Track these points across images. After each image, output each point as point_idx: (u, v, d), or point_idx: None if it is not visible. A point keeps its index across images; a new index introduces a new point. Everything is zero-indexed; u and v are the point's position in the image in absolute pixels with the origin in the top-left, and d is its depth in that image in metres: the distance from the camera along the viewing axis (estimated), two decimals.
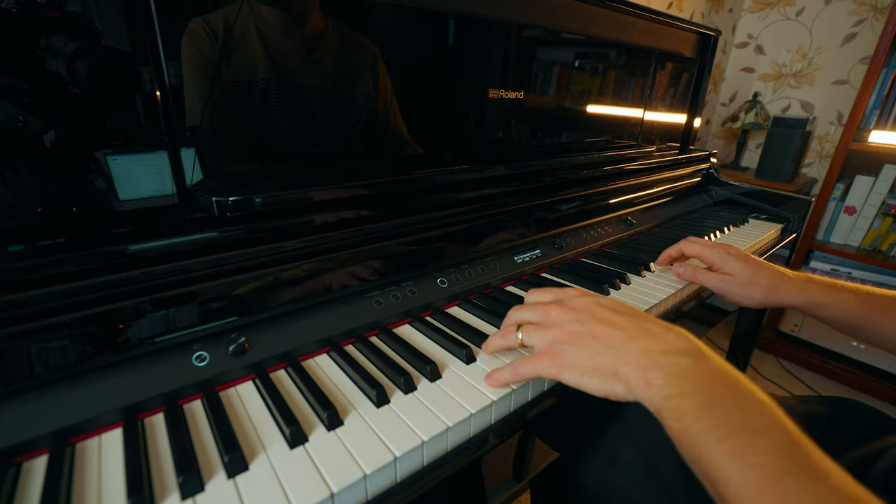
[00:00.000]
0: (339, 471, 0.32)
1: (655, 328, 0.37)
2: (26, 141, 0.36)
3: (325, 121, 0.51)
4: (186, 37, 0.40)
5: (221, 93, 0.43)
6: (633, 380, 0.34)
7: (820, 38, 1.86)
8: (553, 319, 0.40)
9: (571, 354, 0.37)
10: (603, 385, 0.35)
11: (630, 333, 0.36)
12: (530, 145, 0.75)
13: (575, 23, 0.77)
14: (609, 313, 0.39)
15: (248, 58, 0.44)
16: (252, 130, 0.46)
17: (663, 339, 0.35)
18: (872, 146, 1.62)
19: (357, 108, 0.53)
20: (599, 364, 0.35)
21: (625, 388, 0.34)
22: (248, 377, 0.41)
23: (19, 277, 0.34)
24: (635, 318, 0.38)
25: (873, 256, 1.69)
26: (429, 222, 0.59)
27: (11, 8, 0.33)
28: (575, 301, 0.41)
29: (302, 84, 0.48)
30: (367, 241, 0.53)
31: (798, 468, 0.26)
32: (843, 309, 0.52)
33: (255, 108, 0.46)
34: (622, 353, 0.35)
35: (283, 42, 0.45)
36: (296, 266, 0.47)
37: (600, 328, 0.37)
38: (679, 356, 0.33)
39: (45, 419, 0.33)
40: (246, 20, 0.43)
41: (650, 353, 0.34)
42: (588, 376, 0.36)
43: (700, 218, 1.03)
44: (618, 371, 0.35)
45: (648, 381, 0.33)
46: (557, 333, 0.38)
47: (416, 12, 0.55)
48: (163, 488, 0.30)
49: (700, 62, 1.06)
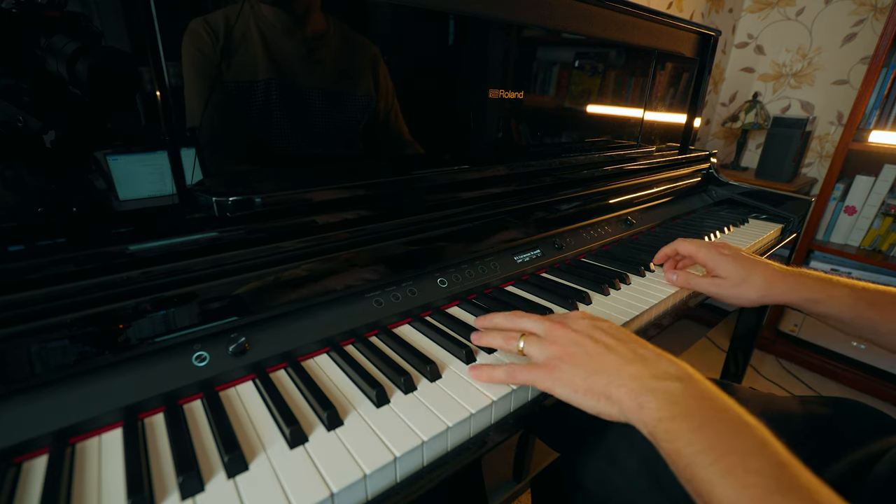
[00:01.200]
0: (339, 471, 0.32)
1: (648, 354, 0.38)
2: (26, 141, 0.36)
3: (325, 121, 0.51)
4: (187, 36, 0.40)
5: (222, 93, 0.43)
6: (625, 403, 0.35)
7: (820, 38, 1.86)
8: (554, 336, 0.41)
9: (566, 371, 0.38)
10: (595, 404, 0.37)
11: (624, 358, 0.38)
12: (530, 145, 0.75)
13: (575, 23, 0.77)
14: (606, 337, 0.40)
15: (248, 58, 0.44)
16: (252, 130, 0.46)
17: (655, 364, 0.37)
18: (872, 146, 1.62)
19: (358, 109, 0.53)
20: (592, 385, 0.37)
21: (618, 410, 0.36)
22: (248, 377, 0.41)
23: (19, 277, 0.34)
24: (630, 344, 0.40)
25: (873, 256, 1.69)
26: (429, 222, 0.59)
27: (11, 8, 0.33)
28: (576, 323, 0.43)
29: (303, 84, 0.48)
30: (368, 242, 0.53)
31: (787, 487, 0.27)
32: (837, 304, 0.52)
33: (256, 108, 0.46)
34: (614, 377, 0.36)
35: (284, 42, 0.45)
36: (296, 266, 0.47)
37: (596, 350, 0.39)
38: (670, 381, 0.35)
39: (45, 419, 0.33)
40: (247, 20, 0.43)
41: (642, 377, 0.36)
42: (580, 394, 0.37)
43: (700, 218, 1.03)
44: (610, 394, 0.36)
45: (641, 405, 0.34)
46: (556, 350, 0.40)
47: (417, 12, 0.55)
48: (163, 488, 0.30)
49: (700, 62, 1.06)
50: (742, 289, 0.57)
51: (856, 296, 0.52)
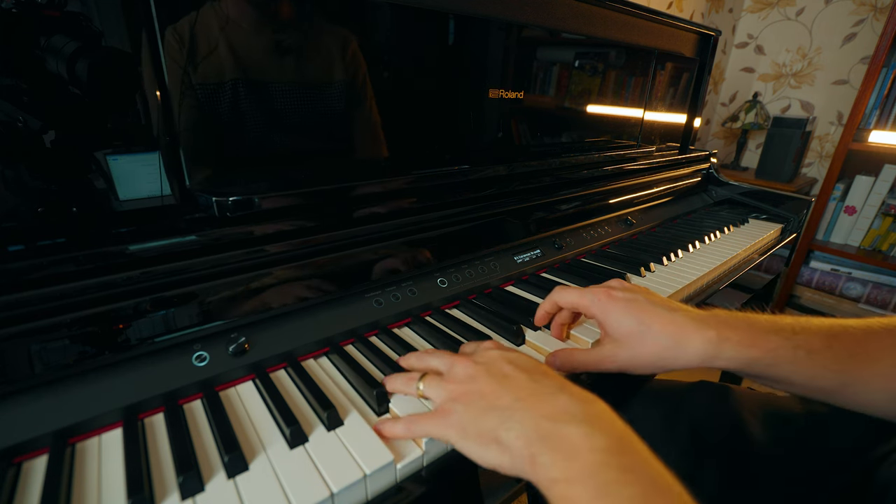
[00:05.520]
0: (339, 471, 0.32)
1: (546, 386, 0.32)
2: (26, 141, 0.36)
3: (325, 121, 0.51)
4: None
5: (220, 93, 0.43)
6: (516, 451, 0.29)
7: (820, 38, 1.86)
8: (454, 373, 0.35)
9: (458, 414, 0.32)
10: (485, 453, 0.30)
11: (517, 394, 0.31)
12: (530, 145, 0.75)
13: (575, 23, 0.77)
14: (507, 367, 0.34)
15: (248, 57, 0.44)
16: (252, 130, 0.46)
17: (553, 401, 0.30)
18: (872, 146, 1.62)
19: (359, 109, 0.53)
20: (482, 427, 0.30)
21: (509, 460, 0.29)
22: (248, 377, 0.41)
23: (19, 277, 0.34)
24: (537, 375, 0.33)
25: (873, 256, 1.69)
26: (429, 222, 0.59)
27: (11, 8, 0.33)
28: (482, 354, 0.36)
29: (302, 84, 0.48)
30: (368, 241, 0.53)
31: None
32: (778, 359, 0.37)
33: (256, 108, 0.46)
34: (506, 417, 0.30)
35: (282, 41, 0.45)
36: (296, 266, 0.47)
37: (490, 386, 0.32)
38: (566, 424, 0.28)
39: (45, 419, 0.33)
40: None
41: (535, 417, 0.29)
42: (470, 441, 0.31)
43: (700, 218, 1.03)
44: (499, 437, 0.29)
45: (533, 457, 0.28)
46: (453, 389, 0.34)
47: (417, 12, 0.55)
48: (163, 488, 0.30)
49: (700, 62, 1.06)
50: (638, 350, 0.40)
51: (793, 344, 0.36)
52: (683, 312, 0.40)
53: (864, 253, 1.71)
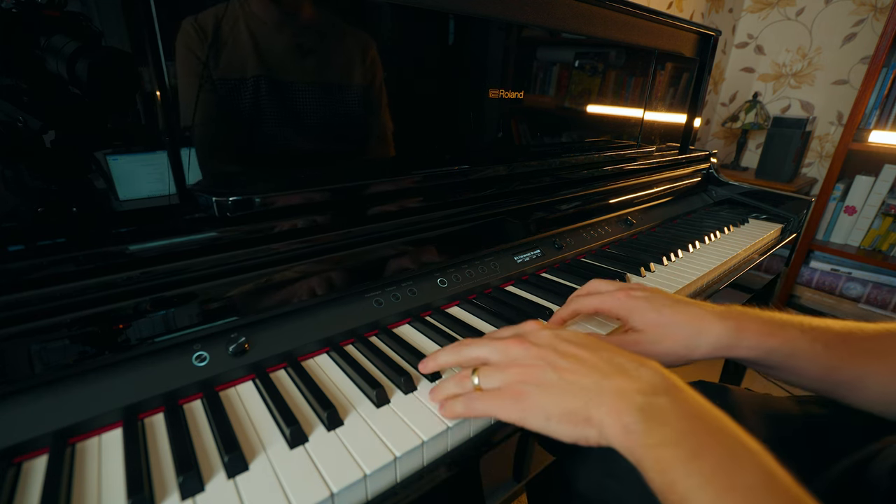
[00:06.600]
0: (339, 471, 0.32)
1: (627, 363, 0.33)
2: (26, 141, 0.36)
3: (326, 121, 0.51)
4: (179, 36, 0.39)
5: (220, 92, 0.43)
6: (608, 425, 0.30)
7: (820, 38, 1.86)
8: (513, 357, 0.36)
9: (535, 397, 0.33)
10: (573, 431, 0.31)
11: (601, 371, 0.33)
12: (530, 145, 0.75)
13: (575, 23, 0.77)
14: (574, 348, 0.35)
15: (246, 56, 0.44)
16: (252, 130, 0.46)
17: (637, 375, 0.32)
18: (872, 146, 1.62)
19: (359, 108, 0.53)
20: (569, 407, 0.32)
21: (597, 434, 0.31)
22: (248, 377, 0.41)
23: (19, 277, 0.34)
24: (604, 352, 0.34)
25: (873, 256, 1.69)
26: (429, 222, 0.59)
27: (11, 8, 0.33)
28: (536, 335, 0.37)
29: (302, 84, 0.48)
30: (367, 241, 0.53)
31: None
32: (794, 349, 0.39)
33: (256, 107, 0.46)
34: (594, 395, 0.31)
35: (278, 40, 0.45)
36: (296, 266, 0.47)
37: (567, 365, 0.33)
38: (656, 395, 0.30)
39: (45, 419, 0.33)
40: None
41: (625, 392, 0.31)
42: (555, 422, 0.32)
43: (700, 218, 1.03)
44: (590, 415, 0.31)
45: (626, 428, 0.29)
46: (518, 372, 0.34)
47: (417, 12, 0.55)
48: (163, 488, 0.30)
49: (700, 62, 1.06)
50: (662, 345, 0.42)
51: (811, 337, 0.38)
52: (701, 305, 0.43)
53: (864, 253, 1.71)
